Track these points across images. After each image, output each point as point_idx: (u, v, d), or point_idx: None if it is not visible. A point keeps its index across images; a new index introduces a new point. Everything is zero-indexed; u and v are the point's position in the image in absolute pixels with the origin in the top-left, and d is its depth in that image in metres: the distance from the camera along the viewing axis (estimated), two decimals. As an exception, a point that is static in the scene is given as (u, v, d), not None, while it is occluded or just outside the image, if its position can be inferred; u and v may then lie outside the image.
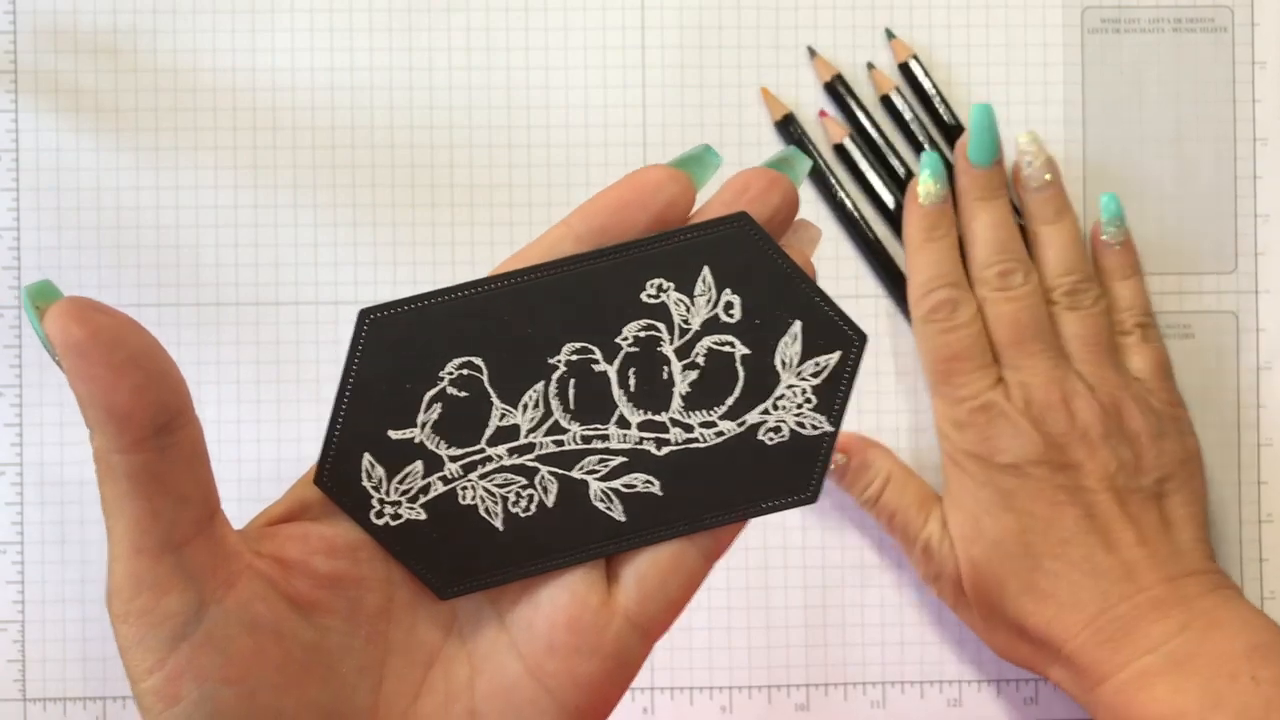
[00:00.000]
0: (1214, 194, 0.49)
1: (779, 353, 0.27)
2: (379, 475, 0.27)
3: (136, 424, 0.23)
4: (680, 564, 0.27)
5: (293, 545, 0.26)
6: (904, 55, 0.48)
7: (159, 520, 0.23)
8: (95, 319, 0.22)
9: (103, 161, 0.48)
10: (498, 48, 0.48)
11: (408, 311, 0.27)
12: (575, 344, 0.27)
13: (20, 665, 0.47)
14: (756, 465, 0.27)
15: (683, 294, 0.27)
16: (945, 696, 0.48)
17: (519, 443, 0.27)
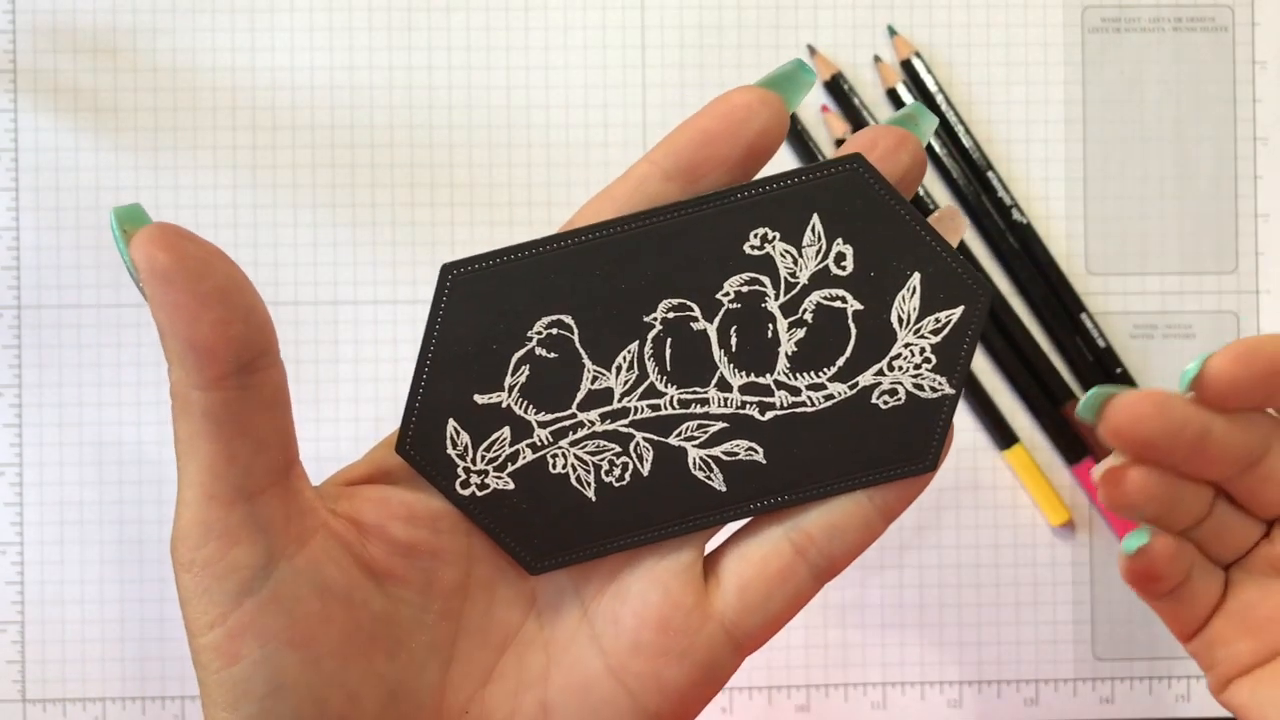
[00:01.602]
0: (1214, 194, 0.49)
1: (895, 308, 0.25)
2: (464, 442, 0.25)
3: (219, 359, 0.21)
4: (789, 577, 0.25)
5: (370, 508, 0.25)
6: (906, 52, 0.48)
7: (234, 465, 0.22)
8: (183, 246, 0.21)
9: (103, 161, 0.48)
10: (498, 48, 0.48)
11: (493, 267, 0.25)
12: (672, 300, 0.25)
13: (20, 665, 0.47)
14: (869, 431, 0.25)
15: (789, 244, 0.25)
16: (945, 697, 0.48)
17: (612, 407, 0.25)
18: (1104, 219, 0.49)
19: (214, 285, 0.21)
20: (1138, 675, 0.49)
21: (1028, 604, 0.49)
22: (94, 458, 0.47)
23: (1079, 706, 0.48)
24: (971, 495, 0.49)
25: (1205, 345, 0.49)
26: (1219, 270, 0.49)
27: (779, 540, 0.25)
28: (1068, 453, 0.48)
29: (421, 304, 0.48)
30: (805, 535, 0.25)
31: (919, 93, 0.48)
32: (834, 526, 0.25)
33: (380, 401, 0.48)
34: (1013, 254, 0.48)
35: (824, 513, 0.25)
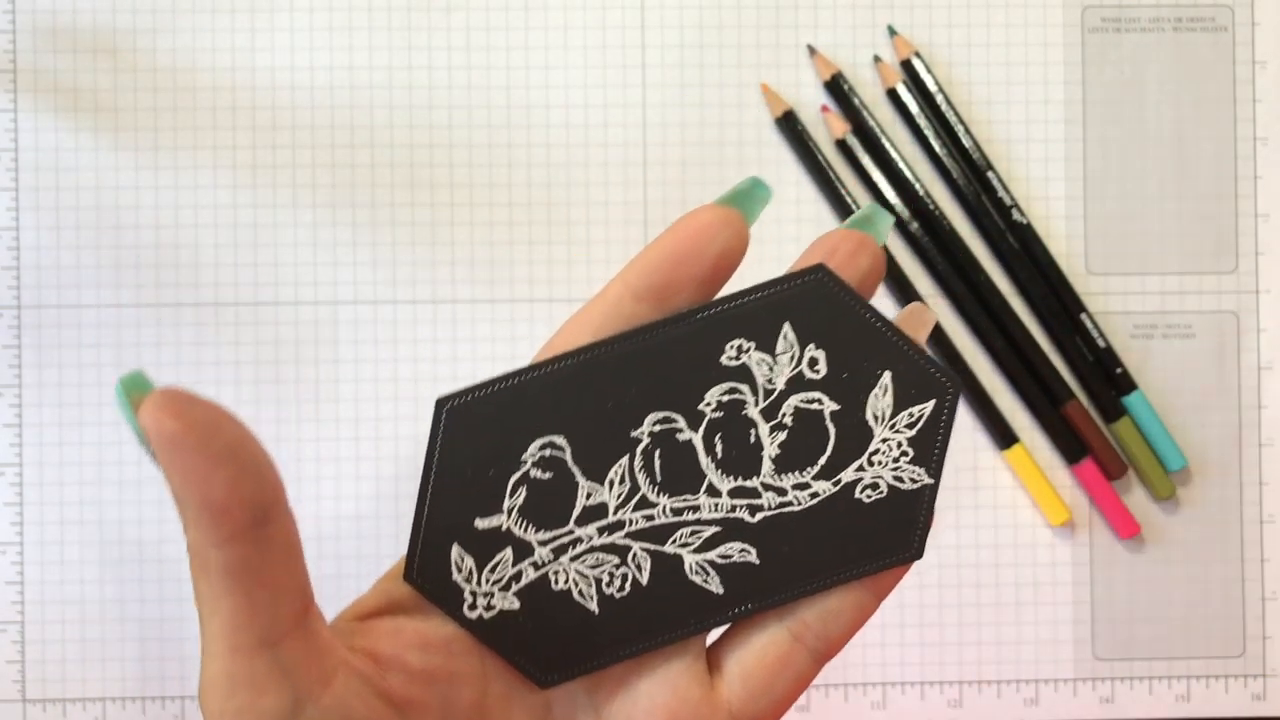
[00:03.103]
0: (1214, 194, 0.49)
1: (870, 406, 0.26)
2: (469, 566, 0.26)
3: (233, 517, 0.22)
4: (789, 663, 0.26)
5: (386, 641, 0.25)
6: (906, 52, 0.48)
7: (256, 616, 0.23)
8: (189, 410, 0.21)
9: (103, 161, 0.48)
10: (498, 48, 0.48)
11: (485, 396, 0.26)
12: (657, 414, 0.26)
13: (20, 665, 0.47)
14: (855, 525, 0.26)
15: (764, 353, 0.26)
16: (945, 697, 0.48)
17: (608, 520, 0.26)
18: (1104, 219, 0.49)
19: (223, 445, 0.22)
20: (1138, 675, 0.49)
21: (1028, 604, 0.49)
22: (94, 458, 0.47)
23: (1079, 706, 0.48)
24: (971, 495, 0.49)
25: (1205, 345, 0.49)
26: (1219, 270, 0.49)
27: (777, 629, 0.26)
28: (1068, 453, 0.48)
29: (422, 304, 0.48)
30: (801, 623, 0.26)
31: (919, 93, 0.48)
32: (829, 612, 0.26)
33: (380, 401, 0.48)
34: (1013, 254, 0.48)
35: (818, 601, 0.26)
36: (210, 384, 0.48)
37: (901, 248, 0.48)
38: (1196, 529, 0.49)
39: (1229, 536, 0.49)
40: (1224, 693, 0.49)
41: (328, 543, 0.48)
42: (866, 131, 0.48)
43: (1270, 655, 0.49)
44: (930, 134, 0.48)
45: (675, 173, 0.48)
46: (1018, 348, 0.48)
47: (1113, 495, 0.48)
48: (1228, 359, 0.49)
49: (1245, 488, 0.49)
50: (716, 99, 0.48)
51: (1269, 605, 0.49)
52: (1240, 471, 0.49)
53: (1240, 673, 0.49)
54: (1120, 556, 0.49)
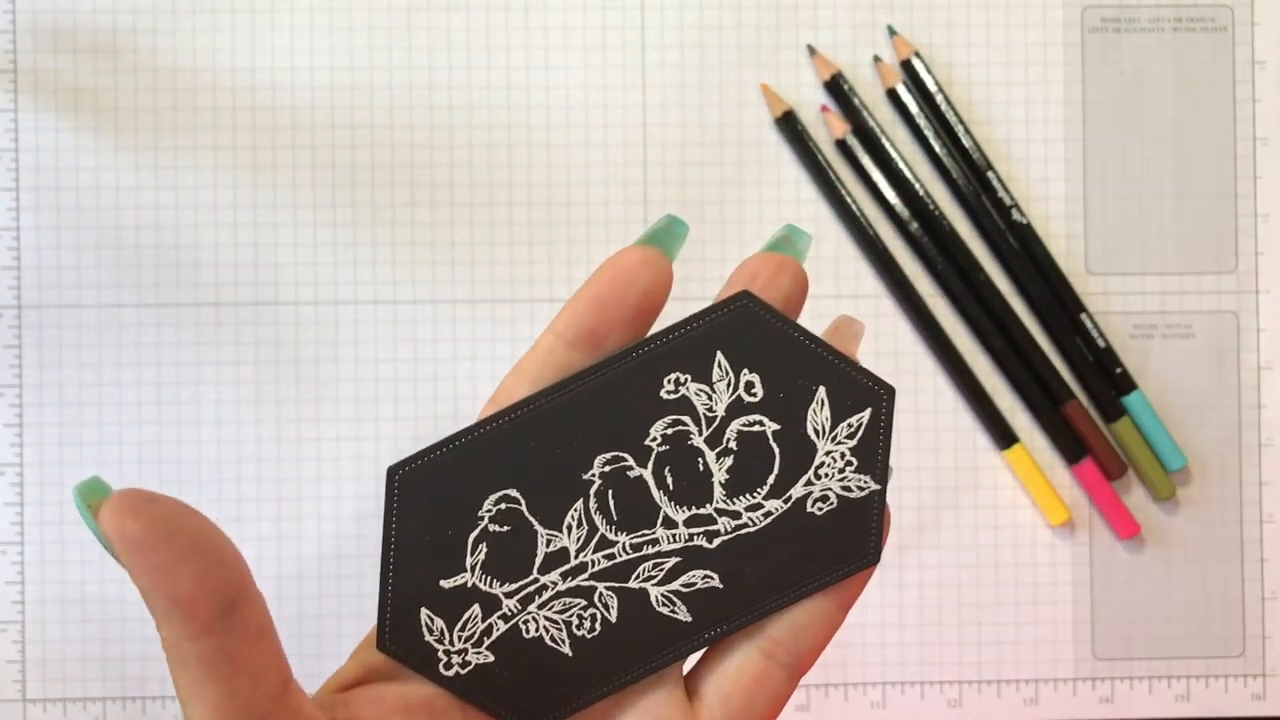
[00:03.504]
0: (1214, 194, 0.49)
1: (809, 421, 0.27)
2: (440, 627, 0.27)
3: (203, 610, 0.22)
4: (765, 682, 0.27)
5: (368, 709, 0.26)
6: (906, 52, 0.48)
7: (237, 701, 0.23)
8: (149, 510, 0.22)
9: (103, 161, 0.48)
10: (498, 48, 0.48)
11: (434, 460, 0.26)
12: (605, 455, 0.27)
13: (20, 665, 0.47)
14: (811, 538, 0.27)
15: (701, 383, 0.27)
16: (945, 697, 0.48)
17: (571, 565, 0.27)
18: (1104, 219, 0.49)
19: (185, 541, 0.22)
20: (1137, 675, 0.49)
21: (1028, 604, 0.49)
22: (94, 458, 0.47)
23: (1079, 706, 0.48)
24: (971, 495, 0.49)
25: (1205, 345, 0.49)
26: (1219, 270, 0.49)
27: (749, 650, 0.27)
28: (1068, 453, 0.48)
29: (422, 304, 0.48)
30: (772, 640, 0.27)
31: (919, 93, 0.48)
32: (797, 627, 0.27)
33: (380, 402, 0.48)
34: (1012, 254, 0.48)
35: (787, 617, 0.27)
36: (210, 384, 0.48)
37: (902, 248, 0.48)
38: (1196, 529, 0.49)
39: (1229, 536, 0.49)
40: (1224, 692, 0.49)
41: (328, 543, 0.48)
42: (866, 131, 0.48)
43: (1270, 655, 0.49)
44: (930, 134, 0.48)
45: (675, 173, 0.48)
46: (1017, 348, 0.48)
47: (1113, 495, 0.48)
48: (1227, 359, 0.49)
49: (1245, 488, 0.49)
50: (716, 99, 0.48)
51: (1269, 605, 0.49)
52: (1240, 471, 0.49)
53: (1240, 672, 0.49)
54: (1120, 556, 0.49)
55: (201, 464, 0.48)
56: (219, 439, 0.48)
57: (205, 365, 0.48)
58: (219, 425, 0.48)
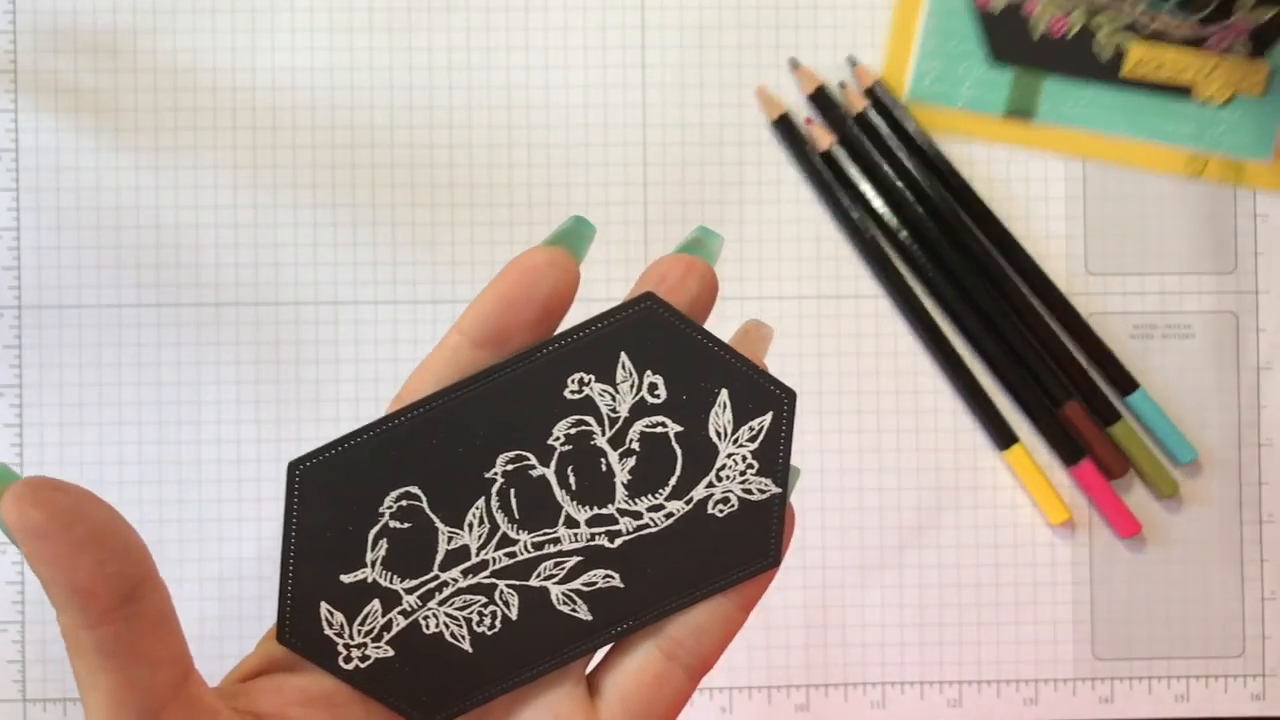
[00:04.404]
0: (1214, 194, 0.49)
1: (712, 424, 0.27)
2: (339, 621, 0.27)
3: (101, 599, 0.22)
4: (665, 682, 0.27)
5: (268, 699, 0.26)
6: (868, 81, 0.48)
7: (134, 690, 0.23)
8: (52, 498, 0.22)
9: (103, 161, 0.48)
10: (498, 48, 0.48)
11: (336, 455, 0.26)
12: (508, 454, 0.27)
13: (20, 665, 0.47)
14: (712, 539, 0.27)
15: (605, 384, 0.27)
16: (945, 697, 0.48)
17: (471, 562, 0.27)
18: (1104, 219, 0.49)
19: (86, 530, 0.22)
20: (1137, 675, 0.49)
21: (1028, 604, 0.49)
22: (94, 458, 0.47)
23: (1079, 706, 0.48)
24: (971, 495, 0.49)
25: (1205, 345, 0.49)
26: (1218, 270, 0.49)
27: (650, 650, 0.27)
28: (1067, 453, 0.48)
29: (422, 304, 0.48)
30: (673, 641, 0.27)
31: (885, 119, 0.48)
32: (698, 628, 0.27)
33: (380, 402, 0.48)
34: (1011, 254, 0.48)
35: (687, 617, 0.27)
36: (211, 384, 0.48)
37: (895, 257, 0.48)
38: (1197, 529, 0.49)
39: (1229, 536, 0.49)
40: (1223, 692, 0.49)
41: (328, 543, 0.48)
42: (852, 141, 0.48)
43: (1270, 655, 0.49)
44: (904, 154, 0.48)
45: (675, 173, 0.48)
46: (1014, 351, 0.48)
47: (1113, 495, 0.48)
48: (1227, 359, 0.49)
49: (1245, 487, 0.49)
50: (716, 99, 0.48)
51: (1269, 605, 0.49)
52: (1240, 471, 0.49)
53: (1240, 672, 0.49)
54: (1120, 556, 0.49)
55: (201, 464, 0.48)
56: (219, 439, 0.48)
57: (205, 365, 0.48)
58: (219, 425, 0.48)
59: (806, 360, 0.48)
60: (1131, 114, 0.45)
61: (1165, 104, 0.48)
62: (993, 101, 0.48)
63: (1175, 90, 0.48)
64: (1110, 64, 0.47)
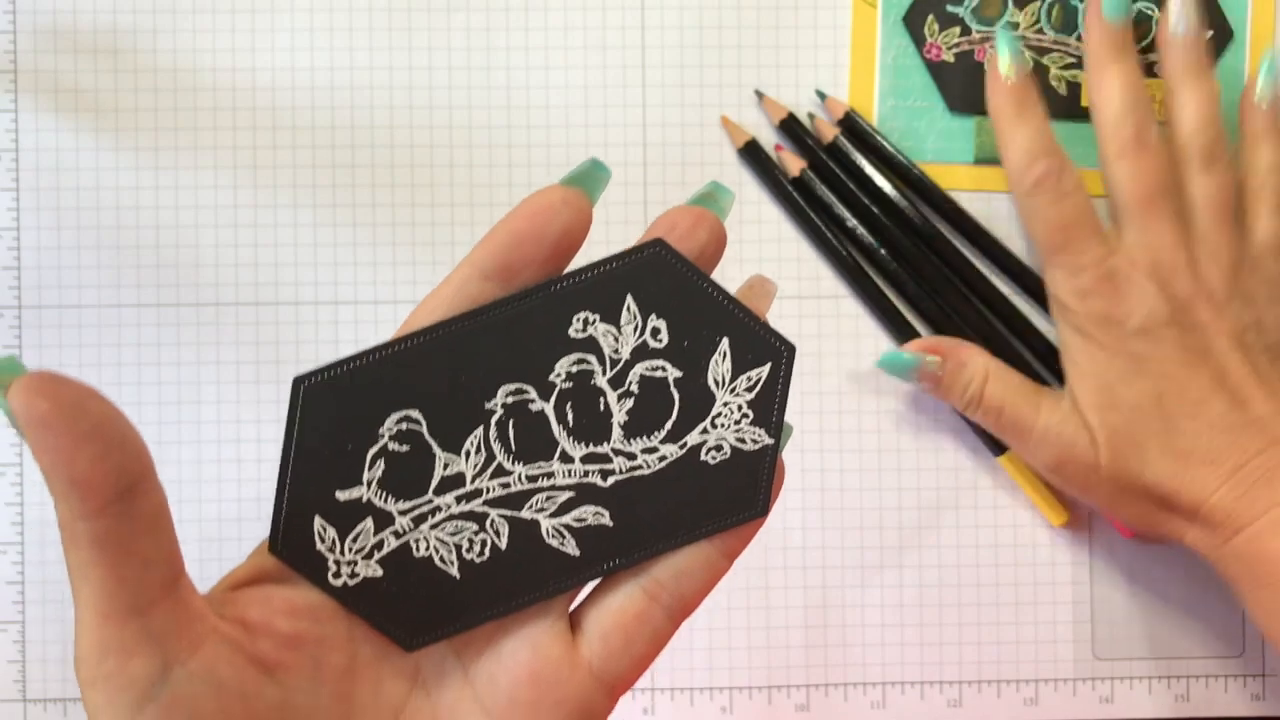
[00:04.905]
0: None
1: (710, 372, 0.27)
2: (331, 537, 0.27)
3: (99, 491, 0.23)
4: (645, 621, 0.28)
5: (255, 608, 0.27)
6: (840, 112, 0.48)
7: (124, 585, 0.24)
8: (58, 391, 0.23)
9: (103, 161, 0.48)
10: (498, 48, 0.48)
11: (341, 374, 0.27)
12: (510, 386, 0.27)
13: (20, 665, 0.47)
14: (703, 485, 0.28)
15: (609, 325, 0.27)
16: (945, 697, 0.48)
17: (465, 489, 0.27)
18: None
19: (90, 424, 0.23)
20: (1137, 675, 0.49)
21: (1028, 604, 0.49)
22: (94, 458, 0.47)
23: (1079, 706, 0.49)
24: (971, 495, 0.49)
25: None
26: (1219, 270, 0.49)
27: (633, 589, 0.28)
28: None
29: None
30: (656, 582, 0.28)
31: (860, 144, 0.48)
32: (681, 571, 0.28)
33: (380, 401, 0.48)
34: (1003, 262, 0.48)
35: (671, 560, 0.28)
36: (211, 384, 0.48)
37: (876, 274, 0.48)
38: (1196, 529, 0.49)
39: (1229, 536, 0.49)
40: (1223, 692, 0.49)
41: (328, 543, 0.48)
42: (822, 167, 0.48)
43: (1269, 655, 0.49)
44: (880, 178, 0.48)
45: (675, 173, 0.48)
46: (1013, 349, 0.48)
47: (1112, 495, 0.48)
48: (1227, 359, 0.49)
49: (1245, 488, 0.49)
50: (715, 100, 0.48)
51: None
52: (1240, 471, 0.49)
53: (1239, 672, 0.49)
54: (1120, 556, 0.49)
55: (201, 464, 0.48)
56: (219, 439, 0.48)
57: (205, 365, 0.48)
58: (219, 425, 0.48)
59: (806, 360, 0.48)
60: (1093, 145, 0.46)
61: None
62: (960, 151, 0.48)
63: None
64: (1068, 99, 0.48)
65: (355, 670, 0.27)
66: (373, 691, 0.28)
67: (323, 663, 0.27)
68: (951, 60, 0.48)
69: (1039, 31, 0.47)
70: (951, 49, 0.48)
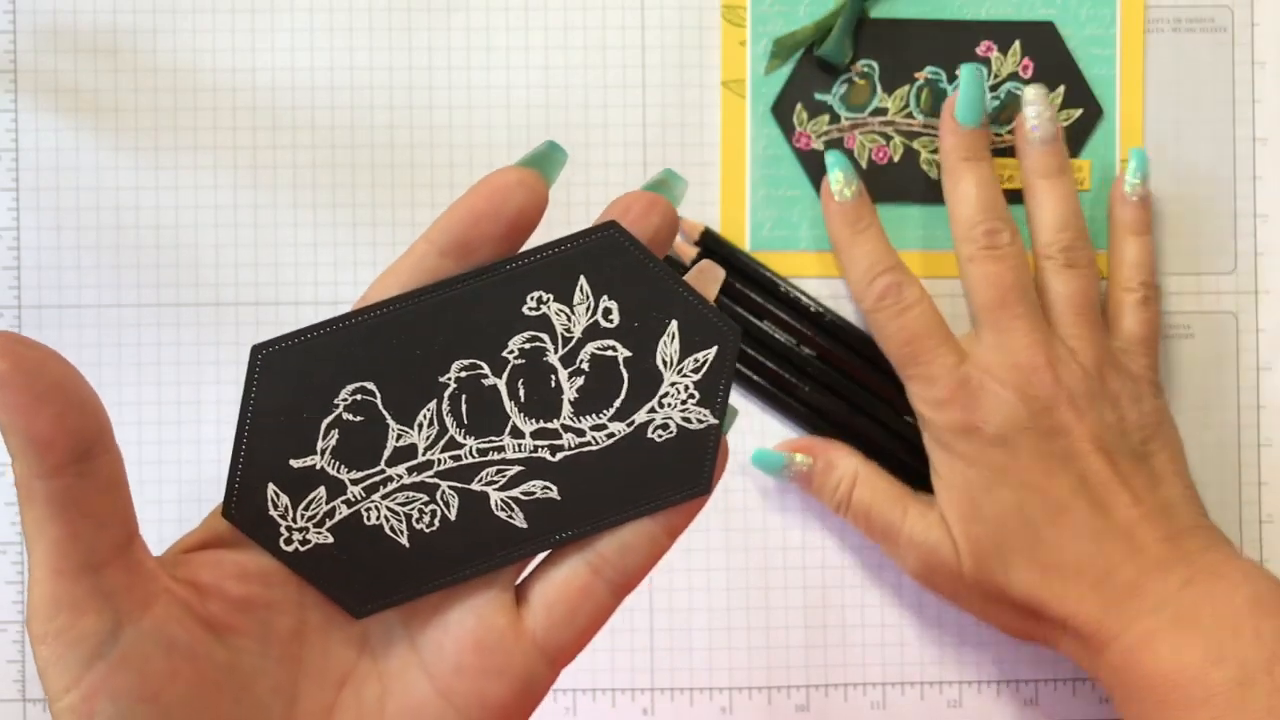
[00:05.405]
0: (1214, 194, 0.49)
1: (659, 352, 0.28)
2: (284, 503, 0.28)
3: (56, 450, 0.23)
4: (589, 595, 0.28)
5: (207, 571, 0.27)
6: (695, 233, 0.47)
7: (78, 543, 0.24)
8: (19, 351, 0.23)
9: (103, 161, 0.48)
10: (498, 48, 0.48)
11: (298, 344, 0.27)
12: (463, 361, 0.28)
13: (20, 665, 0.47)
14: (649, 463, 0.28)
15: (563, 304, 0.28)
16: (945, 697, 0.48)
17: (417, 461, 0.28)
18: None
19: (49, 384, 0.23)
20: (1137, 675, 0.49)
21: (1027, 604, 0.49)
22: (94, 458, 0.47)
23: (1079, 706, 0.49)
24: (971, 495, 0.49)
25: (1205, 345, 0.49)
26: (1218, 270, 0.49)
27: (577, 563, 0.29)
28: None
29: (421, 304, 0.48)
30: (600, 556, 0.28)
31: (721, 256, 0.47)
32: (625, 547, 0.28)
33: (380, 401, 0.48)
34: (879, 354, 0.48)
35: (615, 536, 0.28)
36: (210, 384, 0.48)
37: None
38: (1196, 529, 0.49)
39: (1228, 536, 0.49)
40: (1223, 692, 0.49)
41: (328, 543, 0.48)
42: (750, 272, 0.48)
43: (1269, 655, 0.49)
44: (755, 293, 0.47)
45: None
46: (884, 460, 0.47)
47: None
48: (1227, 359, 0.49)
49: (1245, 488, 0.49)
50: (715, 100, 0.48)
51: (1268, 605, 0.49)
52: (1240, 471, 0.49)
53: (1239, 672, 0.49)
54: (1120, 556, 0.49)
55: (201, 464, 0.48)
56: (219, 439, 0.48)
57: (205, 365, 0.48)
58: (219, 425, 0.48)
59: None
60: None
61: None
62: None
63: (1010, 198, 0.47)
64: (939, 183, 0.47)
65: (304, 635, 0.28)
66: (320, 657, 0.28)
67: (272, 627, 0.27)
68: (821, 148, 0.48)
69: (908, 116, 0.48)
70: (821, 137, 0.48)
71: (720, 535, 0.48)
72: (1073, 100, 0.48)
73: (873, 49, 0.48)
